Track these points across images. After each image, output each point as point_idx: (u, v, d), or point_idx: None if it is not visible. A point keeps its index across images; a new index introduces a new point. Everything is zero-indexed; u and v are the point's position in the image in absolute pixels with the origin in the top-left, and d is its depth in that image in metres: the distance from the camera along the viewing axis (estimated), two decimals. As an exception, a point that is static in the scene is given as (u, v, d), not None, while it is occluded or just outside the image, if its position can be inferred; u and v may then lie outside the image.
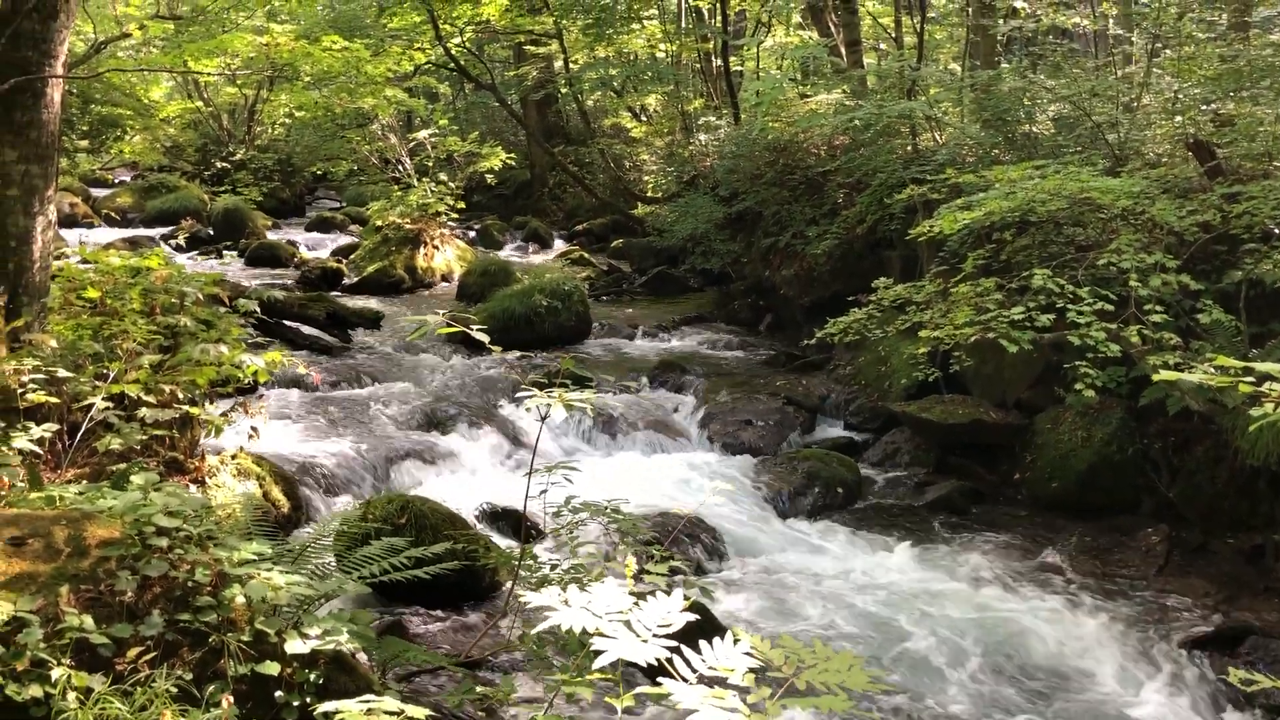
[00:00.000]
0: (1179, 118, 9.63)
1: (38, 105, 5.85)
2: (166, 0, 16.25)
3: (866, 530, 7.76)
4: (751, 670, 2.20)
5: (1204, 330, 7.14)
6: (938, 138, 11.49)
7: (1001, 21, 12.81)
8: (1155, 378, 3.48)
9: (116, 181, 24.77)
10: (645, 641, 2.15)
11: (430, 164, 17.38)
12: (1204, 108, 9.51)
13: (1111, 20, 13.55)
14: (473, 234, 20.17)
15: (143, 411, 5.40)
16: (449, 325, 4.17)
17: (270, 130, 25.41)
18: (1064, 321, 7.06)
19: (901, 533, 7.68)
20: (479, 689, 4.23)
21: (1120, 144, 9.37)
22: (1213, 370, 3.58)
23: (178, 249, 16.67)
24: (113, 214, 20.73)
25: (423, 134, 18.26)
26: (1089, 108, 9.69)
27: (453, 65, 18.88)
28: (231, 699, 3.26)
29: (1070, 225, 8.41)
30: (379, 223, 16.34)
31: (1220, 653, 5.90)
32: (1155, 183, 8.04)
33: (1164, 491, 7.65)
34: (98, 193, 22.56)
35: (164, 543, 3.54)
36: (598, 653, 2.11)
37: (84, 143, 22.02)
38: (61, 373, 5.37)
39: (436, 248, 16.27)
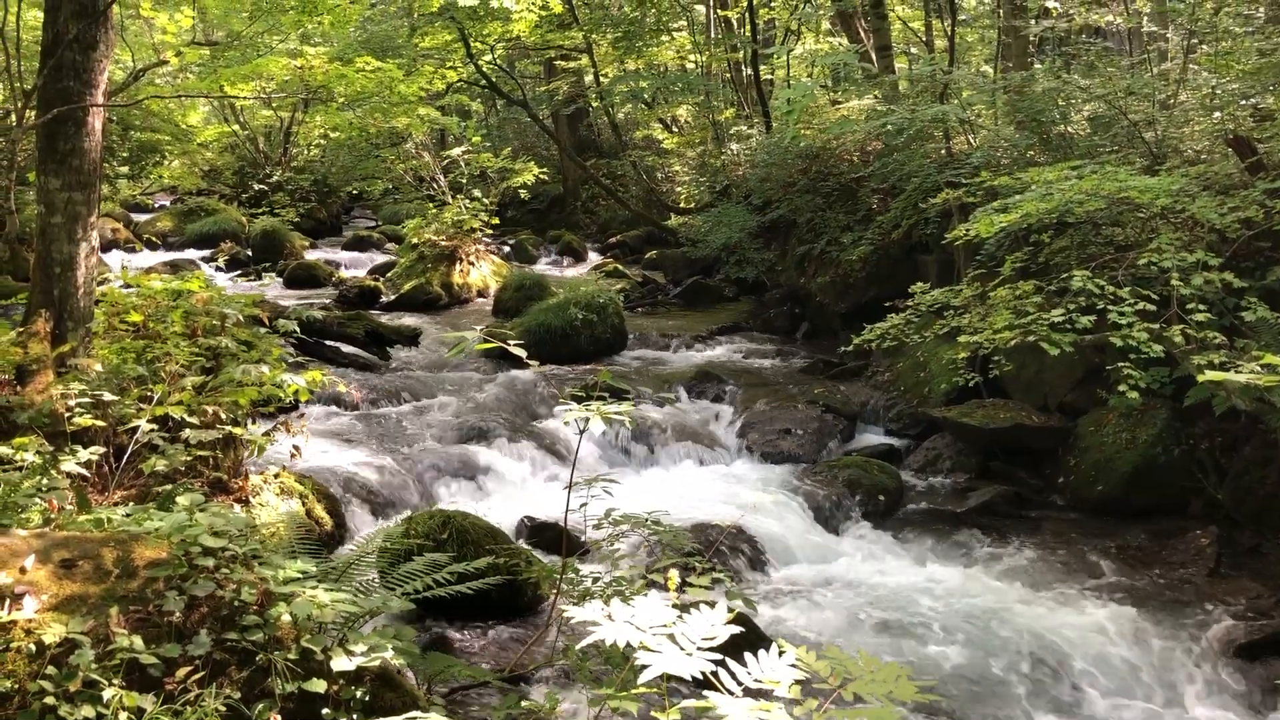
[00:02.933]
0: (1217, 113, 9.51)
1: (80, 134, 5.96)
2: (202, 27, 16.51)
3: (909, 538, 7.70)
4: (797, 682, 2.19)
5: (1249, 328, 7.03)
6: (972, 141, 11.42)
7: (1034, 22, 12.71)
8: (1200, 378, 3.43)
9: (156, 206, 25.12)
10: (690, 655, 2.15)
11: (464, 180, 17.49)
12: (1243, 102, 9.37)
13: (1145, 17, 13.40)
14: (507, 249, 20.27)
15: (187, 433, 5.47)
16: (486, 341, 4.19)
17: (306, 151, 25.69)
18: (1105, 323, 6.98)
19: (945, 539, 7.61)
20: (524, 704, 4.24)
21: (1158, 142, 9.26)
22: (1259, 369, 3.53)
23: (218, 271, 16.90)
24: (153, 238, 21.02)
25: (456, 151, 18.39)
26: (1125, 106, 9.59)
27: (484, 82, 19.01)
28: (279, 717, 3.28)
29: (1109, 225, 8.32)
30: (415, 240, 16.47)
31: (1274, 656, 5.79)
32: (1195, 180, 7.93)
33: (1212, 493, 7.54)
34: (138, 217, 22.90)
35: (210, 562, 3.58)
36: (643, 667, 2.11)
37: (124, 169, 22.33)
38: (107, 396, 5.46)
39: (472, 263, 16.37)
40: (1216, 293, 7.08)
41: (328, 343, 11.37)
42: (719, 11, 20.29)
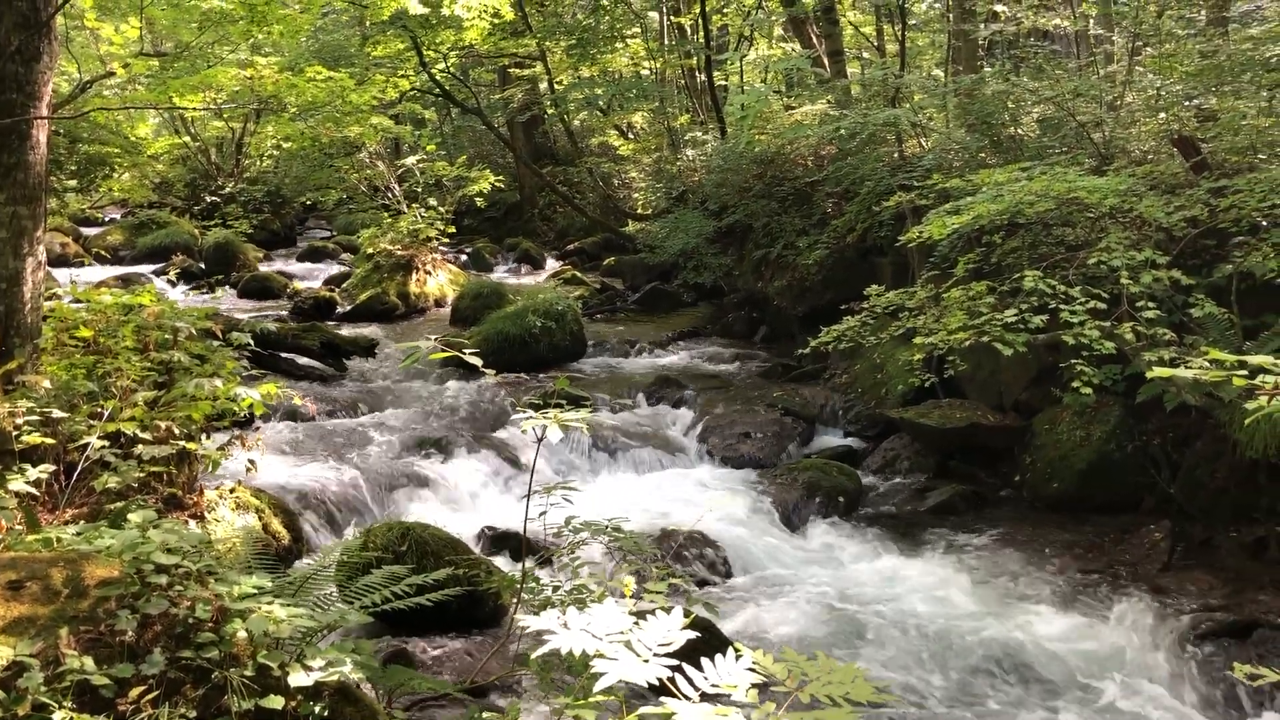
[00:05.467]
0: (1162, 114, 9.67)
1: (24, 147, 5.86)
2: (150, 38, 16.31)
3: (869, 538, 7.74)
4: (755, 685, 2.19)
5: (1197, 324, 7.14)
6: (923, 144, 11.53)
7: (983, 26, 12.87)
8: (1149, 374, 3.48)
9: (106, 219, 24.79)
10: (646, 661, 2.14)
11: (419, 189, 17.42)
12: (1187, 103, 9.54)
13: (1092, 20, 13.62)
14: (464, 257, 20.20)
15: (139, 449, 5.39)
16: (442, 350, 4.16)
17: (258, 162, 25.44)
18: (1057, 322, 7.07)
19: (904, 539, 7.67)
20: (485, 715, 4.21)
21: (1105, 143, 9.40)
22: (1207, 364, 3.58)
23: (170, 284, 16.70)
24: (104, 252, 20.73)
25: (410, 160, 18.32)
26: (1073, 108, 9.72)
27: (438, 91, 18.94)
28: (236, 735, 3.24)
29: (1059, 226, 8.42)
30: (370, 250, 16.36)
31: (1227, 647, 5.88)
32: (1142, 180, 8.06)
33: (1165, 487, 7.64)
34: (88, 231, 22.57)
35: (163, 580, 3.52)
36: (599, 674, 2.10)
37: (72, 182, 22.04)
38: (56, 413, 5.36)
39: (429, 272, 16.28)
40: (1165, 290, 7.19)
41: (283, 355, 11.26)
42: (672, 18, 20.37)
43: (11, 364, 5.70)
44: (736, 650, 2.25)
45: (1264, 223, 7.37)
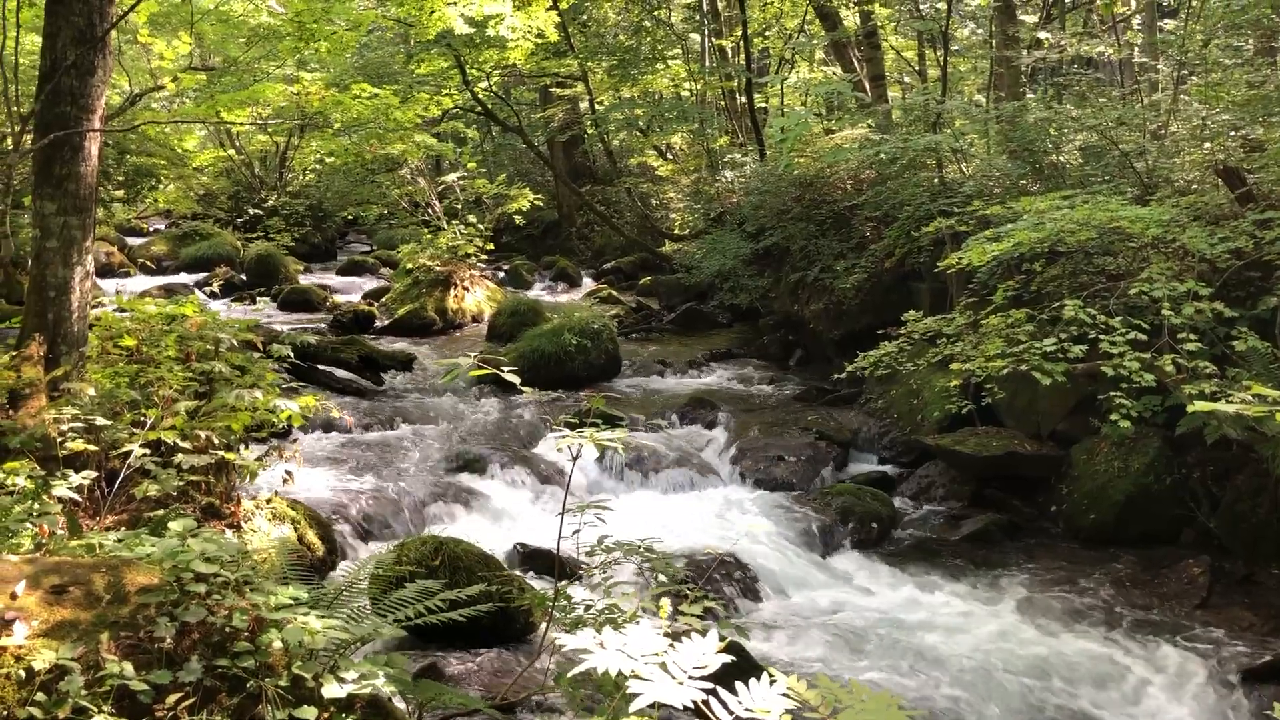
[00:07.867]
0: (1208, 144, 9.58)
1: (76, 159, 5.98)
2: (199, 53, 16.58)
3: (902, 566, 7.69)
4: (788, 711, 2.19)
5: (1240, 357, 7.05)
6: (964, 169, 11.49)
7: (1025, 53, 12.82)
8: (1190, 408, 3.45)
9: (151, 230, 25.15)
10: (681, 684, 2.15)
11: (459, 206, 17.56)
12: (1233, 134, 9.45)
13: (1136, 49, 13.52)
14: (502, 274, 20.31)
15: (179, 458, 5.45)
16: (480, 367, 4.20)
17: (301, 176, 25.76)
18: (1097, 352, 7.01)
19: (938, 568, 7.60)
20: (515, 731, 4.22)
21: (1149, 172, 9.32)
22: (1249, 399, 3.55)
23: (212, 295, 16.90)
24: (148, 262, 21.04)
25: (451, 177, 18.47)
26: (1116, 136, 9.65)
27: (480, 109, 19.10)
28: (269, 744, 3.26)
29: (1100, 255, 8.36)
30: (409, 265, 16.50)
31: (1268, 686, 5.78)
32: (1185, 210, 7.98)
33: (1204, 522, 7.54)
34: (133, 241, 22.92)
35: (202, 588, 3.57)
36: (634, 695, 2.11)
37: (119, 193, 22.36)
38: (99, 421, 5.44)
39: (467, 289, 16.39)
40: (1207, 322, 7.10)
41: (321, 367, 11.37)
42: (714, 40, 20.45)
43: (58, 371, 5.81)
44: (770, 675, 2.25)
45: (1310, 256, 7.28)
